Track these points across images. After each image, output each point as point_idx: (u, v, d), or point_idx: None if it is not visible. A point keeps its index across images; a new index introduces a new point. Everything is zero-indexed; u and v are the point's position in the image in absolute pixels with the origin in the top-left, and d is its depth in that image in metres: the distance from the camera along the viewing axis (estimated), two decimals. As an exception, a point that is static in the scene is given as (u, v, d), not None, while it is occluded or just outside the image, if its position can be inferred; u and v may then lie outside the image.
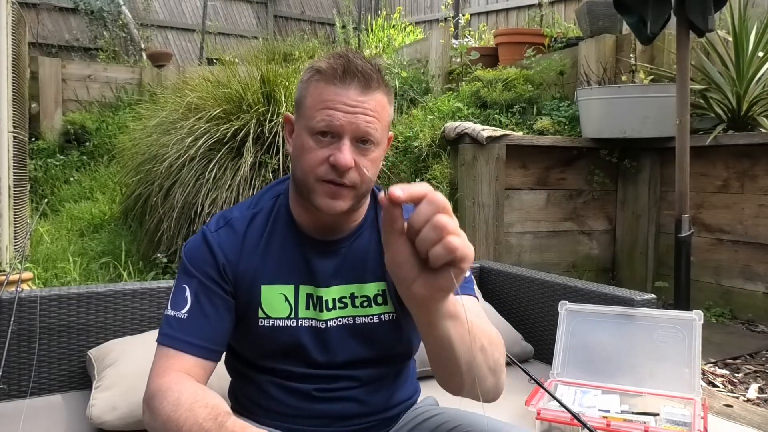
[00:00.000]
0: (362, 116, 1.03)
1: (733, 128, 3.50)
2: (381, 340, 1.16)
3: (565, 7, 6.22)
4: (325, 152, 1.04)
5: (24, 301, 1.63)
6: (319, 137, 1.04)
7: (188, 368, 1.04)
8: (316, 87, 1.05)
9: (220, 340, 1.10)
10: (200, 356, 1.06)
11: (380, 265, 1.13)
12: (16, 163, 3.06)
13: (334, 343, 1.13)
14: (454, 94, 4.49)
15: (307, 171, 1.05)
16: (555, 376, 1.74)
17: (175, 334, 1.06)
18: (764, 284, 3.32)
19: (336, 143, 1.03)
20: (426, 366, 1.88)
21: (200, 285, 1.09)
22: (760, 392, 2.46)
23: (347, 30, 7.17)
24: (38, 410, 1.58)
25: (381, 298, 1.16)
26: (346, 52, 1.07)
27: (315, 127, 1.04)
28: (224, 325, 1.10)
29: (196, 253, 1.12)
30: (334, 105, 1.02)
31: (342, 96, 1.03)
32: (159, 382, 1.02)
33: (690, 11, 2.71)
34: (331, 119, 1.02)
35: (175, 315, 1.08)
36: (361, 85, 1.03)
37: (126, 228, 3.97)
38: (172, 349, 1.05)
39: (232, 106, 3.50)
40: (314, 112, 1.04)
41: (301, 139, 1.06)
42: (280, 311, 1.12)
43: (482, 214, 3.46)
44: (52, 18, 7.08)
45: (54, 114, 5.64)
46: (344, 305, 1.14)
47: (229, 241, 1.12)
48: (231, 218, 1.15)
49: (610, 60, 4.04)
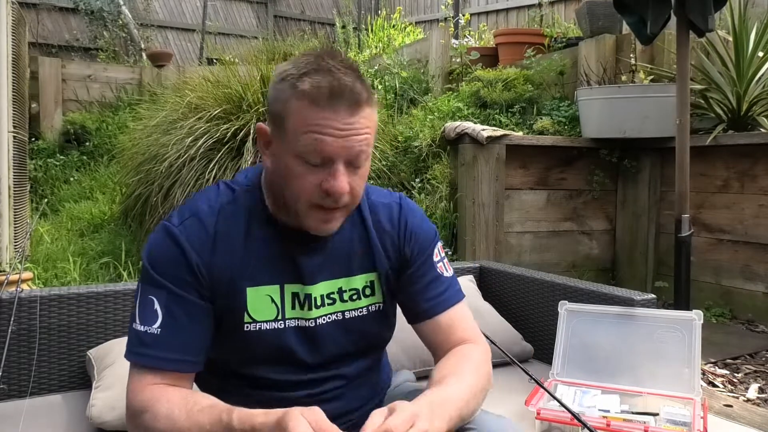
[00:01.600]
0: (354, 138, 0.95)
1: (733, 128, 3.50)
2: (369, 331, 1.15)
3: (565, 7, 6.22)
4: (316, 178, 0.96)
5: (24, 301, 1.63)
6: (308, 163, 0.96)
7: (172, 382, 1.00)
8: (299, 108, 0.95)
9: (200, 350, 1.03)
10: (180, 370, 1.00)
11: (367, 257, 1.13)
12: (16, 163, 3.05)
13: (323, 340, 1.10)
14: (454, 94, 4.49)
15: (298, 197, 0.98)
16: (555, 376, 1.74)
17: (149, 352, 0.99)
18: (764, 284, 3.32)
19: (328, 168, 0.96)
20: (426, 366, 1.89)
21: (170, 295, 1.00)
22: (760, 392, 2.46)
23: (347, 30, 7.17)
24: (38, 410, 1.58)
25: (369, 290, 1.14)
26: (328, 64, 0.96)
27: (302, 153, 0.95)
28: (203, 333, 1.03)
29: (162, 254, 1.01)
30: (322, 130, 0.93)
31: (330, 120, 0.93)
32: (141, 399, 0.96)
33: (690, 11, 2.71)
34: (321, 146, 0.94)
35: (147, 330, 0.99)
36: (350, 106, 0.94)
37: (126, 228, 3.97)
38: (147, 368, 0.99)
39: (232, 106, 3.50)
40: (299, 135, 0.95)
41: (286, 161, 0.97)
42: (267, 314, 1.06)
43: (482, 214, 3.46)
44: (52, 18, 7.08)
45: (54, 114, 5.64)
46: (333, 301, 1.11)
47: (199, 236, 1.02)
48: (197, 210, 1.04)
49: (610, 60, 4.04)
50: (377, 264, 1.14)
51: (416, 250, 1.15)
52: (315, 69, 0.96)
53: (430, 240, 1.18)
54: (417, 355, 1.82)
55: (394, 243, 1.15)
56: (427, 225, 1.19)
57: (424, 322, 1.16)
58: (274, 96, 1.00)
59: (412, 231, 1.16)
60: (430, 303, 1.15)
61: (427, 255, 1.16)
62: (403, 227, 1.15)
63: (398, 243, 1.15)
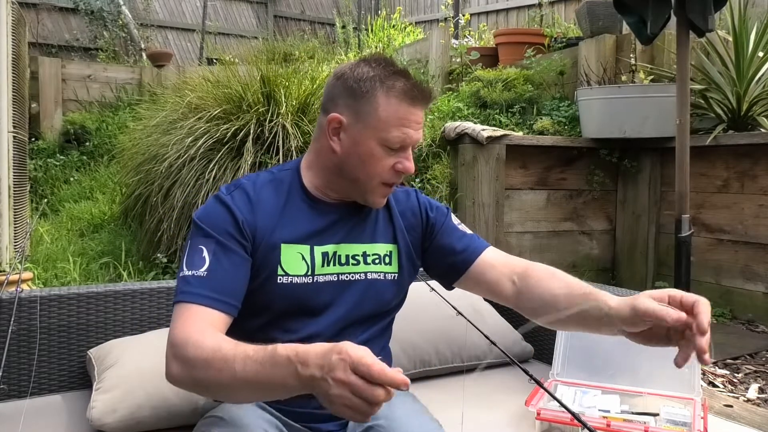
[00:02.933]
0: (421, 131, 1.20)
1: (733, 128, 3.50)
2: (384, 296, 1.26)
3: (565, 7, 6.22)
4: (391, 160, 1.17)
5: (24, 301, 1.63)
6: (388, 148, 1.16)
7: (213, 322, 1.04)
8: (389, 102, 1.14)
9: (239, 295, 1.12)
10: (224, 311, 1.07)
11: (390, 230, 1.29)
12: (16, 163, 3.05)
13: (345, 296, 1.21)
14: (454, 94, 4.49)
15: (374, 175, 1.17)
16: (555, 376, 1.74)
17: (196, 290, 1.07)
18: (764, 284, 3.32)
19: (400, 153, 1.17)
20: (426, 366, 1.88)
21: (218, 244, 1.11)
22: (760, 392, 2.46)
23: (347, 30, 7.17)
24: (38, 410, 1.57)
25: (389, 258, 1.27)
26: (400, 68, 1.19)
27: (391, 141, 1.15)
28: (242, 281, 1.13)
29: (213, 214, 1.15)
30: (410, 124, 1.16)
31: (415, 115, 1.16)
32: (187, 331, 1.01)
33: (690, 11, 2.71)
34: (407, 137, 1.16)
35: (194, 274, 1.08)
36: (424, 105, 1.19)
37: (126, 228, 3.97)
38: (194, 305, 1.05)
39: (232, 106, 3.50)
40: (390, 127, 1.14)
41: (369, 146, 1.16)
42: (298, 269, 1.17)
43: (482, 214, 3.45)
44: (52, 18, 7.08)
45: (54, 114, 5.64)
46: (357, 262, 1.23)
47: (244, 202, 1.16)
48: (240, 184, 1.20)
49: (610, 60, 4.04)
50: (398, 238, 1.29)
51: (437, 215, 1.33)
52: (396, 71, 1.17)
53: (444, 209, 1.37)
54: (417, 355, 1.82)
55: (416, 216, 1.31)
56: (439, 203, 1.39)
57: (473, 263, 1.27)
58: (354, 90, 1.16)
59: (428, 204, 1.35)
60: (469, 247, 1.28)
61: (446, 218, 1.34)
62: (420, 203, 1.34)
63: (419, 215, 1.32)
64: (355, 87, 1.16)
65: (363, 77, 1.16)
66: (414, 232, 1.31)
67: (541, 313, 1.20)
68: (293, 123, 3.38)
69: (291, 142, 3.27)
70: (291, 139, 3.28)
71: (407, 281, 1.32)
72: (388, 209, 1.29)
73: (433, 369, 1.84)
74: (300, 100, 3.53)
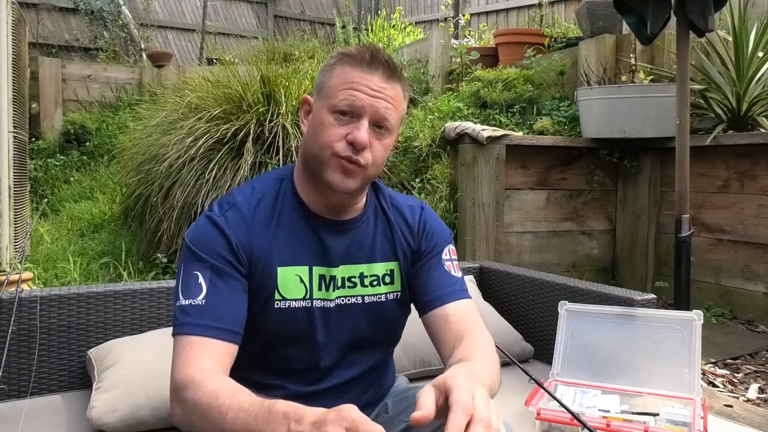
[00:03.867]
0: (383, 101, 1.09)
1: (733, 128, 3.50)
2: (386, 317, 1.21)
3: (565, 7, 6.22)
4: (343, 130, 1.08)
5: (24, 301, 1.63)
6: (339, 116, 1.08)
7: (216, 355, 1.01)
8: (342, 69, 1.10)
9: (240, 322, 1.07)
10: (226, 340, 1.03)
11: (389, 246, 1.22)
12: (16, 163, 3.06)
13: (343, 322, 1.16)
14: (454, 94, 4.49)
15: (324, 146, 1.09)
16: (555, 376, 1.74)
17: (195, 320, 1.02)
18: (764, 284, 3.31)
19: (355, 122, 1.08)
20: (426, 366, 1.88)
21: (213, 269, 1.06)
22: (760, 392, 2.46)
23: (347, 30, 7.17)
24: (38, 410, 1.57)
25: (389, 278, 1.21)
26: (374, 45, 1.14)
27: (337, 105, 1.08)
28: (242, 306, 1.08)
29: (206, 237, 1.09)
30: (359, 87, 1.08)
31: (367, 80, 1.08)
32: (188, 372, 0.97)
33: (690, 11, 2.71)
34: (354, 99, 1.07)
35: (191, 303, 1.04)
36: (385, 73, 1.10)
37: (126, 228, 3.97)
38: (195, 337, 1.01)
39: (232, 106, 3.50)
40: (338, 91, 1.09)
41: (321, 116, 1.10)
42: (296, 293, 1.13)
43: (482, 214, 3.46)
44: (52, 18, 7.08)
45: (54, 114, 5.64)
46: (354, 284, 1.18)
47: (238, 223, 1.11)
48: (235, 202, 1.13)
49: (610, 60, 4.04)
50: (399, 254, 1.23)
51: (430, 245, 1.24)
52: (363, 45, 1.14)
53: (443, 240, 1.27)
54: (417, 355, 1.82)
55: (414, 237, 1.24)
56: (443, 228, 1.29)
57: (432, 311, 1.19)
58: (322, 71, 1.15)
59: (429, 229, 1.26)
60: (437, 293, 1.20)
61: (437, 251, 1.24)
62: (422, 225, 1.26)
63: (416, 237, 1.24)
64: (321, 69, 1.15)
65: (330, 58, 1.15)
66: (410, 251, 1.25)
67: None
68: (293, 123, 3.38)
69: (291, 142, 3.28)
70: (291, 139, 3.29)
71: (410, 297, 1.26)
72: (388, 223, 1.23)
73: (433, 369, 1.84)
74: (300, 100, 3.52)
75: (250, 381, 1.12)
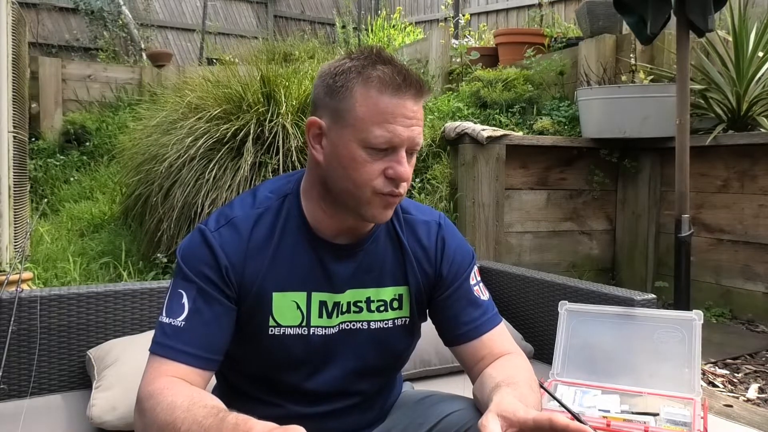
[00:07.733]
0: (417, 127, 1.00)
1: (733, 128, 3.50)
2: (392, 344, 1.15)
3: (565, 7, 6.22)
4: (380, 165, 0.99)
5: (24, 301, 1.63)
6: (373, 151, 0.98)
7: (183, 375, 0.99)
8: (367, 95, 0.97)
9: (219, 349, 1.03)
10: (197, 366, 1.00)
11: (399, 269, 1.13)
12: (16, 163, 3.05)
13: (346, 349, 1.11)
14: (454, 94, 4.49)
15: (362, 185, 0.99)
16: (555, 376, 1.74)
17: (170, 343, 1.00)
18: (764, 284, 3.31)
19: (391, 155, 0.99)
20: (426, 366, 1.88)
21: (199, 291, 1.02)
22: (760, 392, 2.46)
23: (347, 30, 7.17)
24: (38, 410, 1.58)
25: (397, 303, 1.14)
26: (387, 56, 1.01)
27: (373, 142, 0.97)
28: (224, 332, 1.03)
29: (195, 254, 1.04)
30: (394, 119, 0.97)
31: (400, 107, 0.97)
32: (150, 388, 0.96)
33: (690, 11, 2.71)
34: (392, 136, 0.97)
35: (171, 322, 1.01)
36: (415, 94, 0.99)
37: (126, 228, 3.97)
38: (165, 359, 0.99)
39: (232, 106, 3.50)
40: (370, 125, 0.97)
41: (350, 150, 0.98)
42: (292, 319, 1.07)
43: (482, 214, 3.46)
44: (52, 18, 7.08)
45: (54, 114, 5.64)
46: (359, 309, 1.11)
47: (233, 243, 1.04)
48: (233, 217, 1.06)
49: (610, 60, 4.04)
50: (409, 278, 1.14)
51: (453, 271, 1.15)
52: (377, 59, 0.99)
53: (467, 263, 1.18)
54: (417, 355, 1.81)
55: (430, 260, 1.15)
56: (465, 247, 1.19)
57: (465, 344, 1.14)
58: (330, 88, 1.01)
59: (449, 252, 1.16)
60: (467, 327, 1.14)
61: (463, 278, 1.16)
62: (440, 247, 1.16)
63: (434, 261, 1.15)
64: (332, 83, 1.00)
65: (340, 70, 1.00)
66: (426, 277, 1.15)
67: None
68: (293, 123, 3.38)
69: (291, 142, 3.27)
70: (291, 139, 3.28)
71: (419, 323, 1.19)
72: (399, 244, 1.13)
73: (433, 369, 1.84)
74: (300, 100, 3.53)
75: (252, 396, 1.12)
